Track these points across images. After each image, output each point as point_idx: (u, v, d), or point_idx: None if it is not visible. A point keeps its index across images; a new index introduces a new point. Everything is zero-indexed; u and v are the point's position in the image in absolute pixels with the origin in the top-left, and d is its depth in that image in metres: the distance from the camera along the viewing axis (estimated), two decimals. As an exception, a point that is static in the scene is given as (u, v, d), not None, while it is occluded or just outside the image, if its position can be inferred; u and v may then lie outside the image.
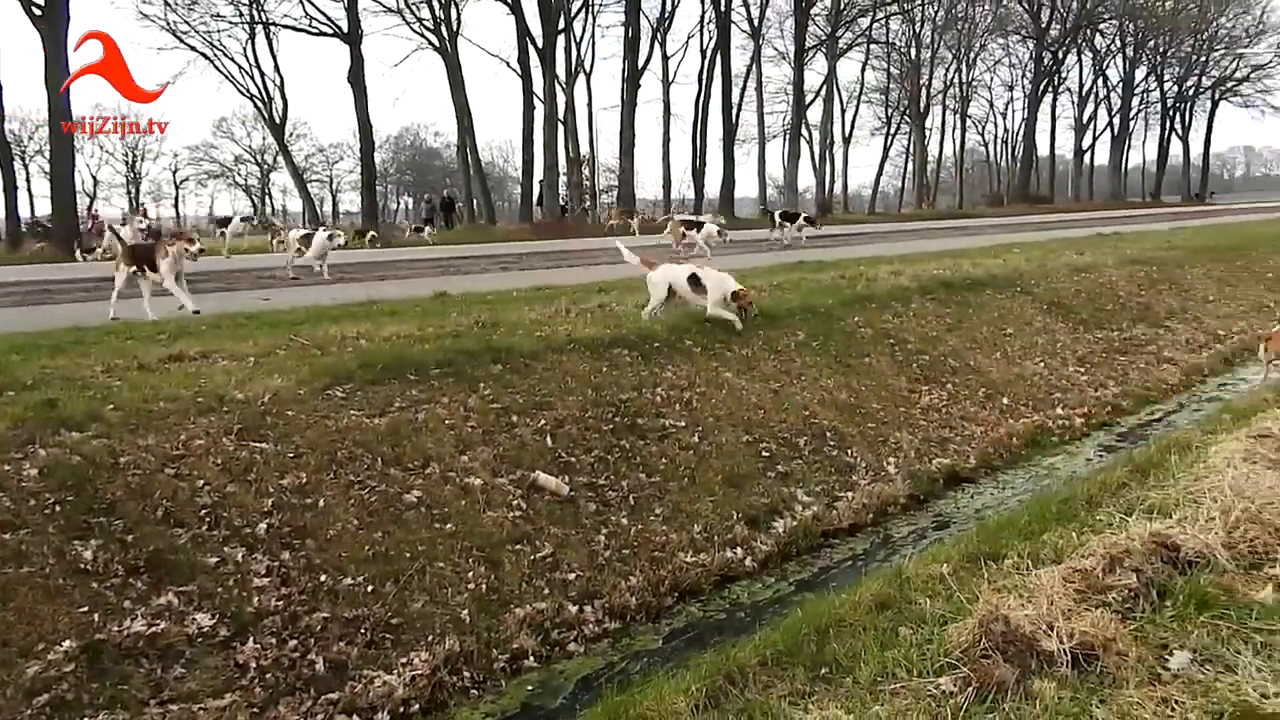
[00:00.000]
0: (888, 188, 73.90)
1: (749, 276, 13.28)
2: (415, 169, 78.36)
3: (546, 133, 38.35)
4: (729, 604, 6.46)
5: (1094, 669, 3.40)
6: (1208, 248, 20.17)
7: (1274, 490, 4.95)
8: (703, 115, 49.44)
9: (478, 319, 9.53)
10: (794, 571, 6.97)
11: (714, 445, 8.02)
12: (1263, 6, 72.18)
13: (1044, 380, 11.45)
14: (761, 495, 7.67)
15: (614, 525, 6.81)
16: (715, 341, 9.61)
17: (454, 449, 6.88)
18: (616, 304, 10.63)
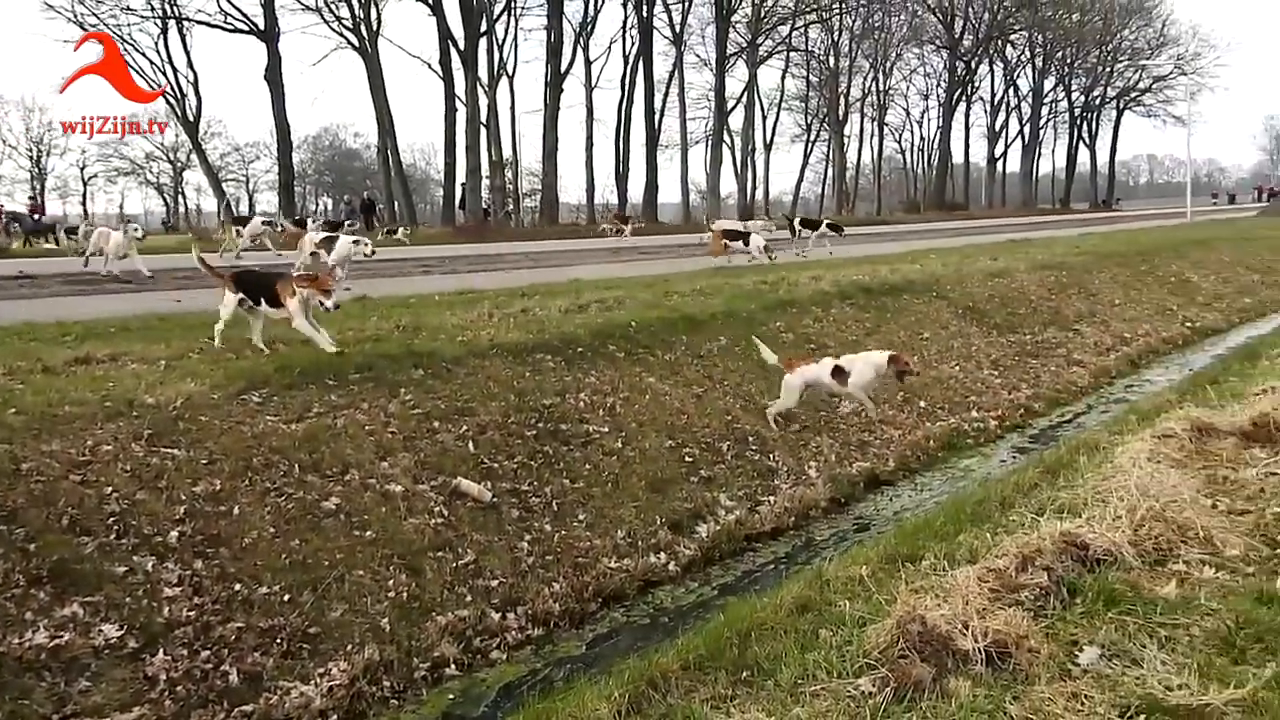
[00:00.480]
0: (808, 194, 74.84)
1: (671, 282, 13.37)
2: (335, 170, 77.05)
3: (469, 136, 38.08)
4: (653, 609, 6.46)
5: (1007, 666, 3.49)
6: (1114, 253, 20.81)
7: (1177, 489, 5.13)
8: (626, 120, 49.53)
9: (399, 323, 9.41)
10: (717, 575, 7.00)
11: (638, 450, 8.03)
12: (1163, 20, 75.04)
13: (959, 384, 11.70)
14: (685, 500, 7.69)
15: (537, 531, 6.77)
16: (639, 347, 9.64)
17: (374, 455, 6.78)
18: (540, 308, 10.59)
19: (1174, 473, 5.48)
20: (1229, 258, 23.55)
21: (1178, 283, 19.89)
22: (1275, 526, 4.87)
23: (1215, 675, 3.35)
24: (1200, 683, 3.28)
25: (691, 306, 11.17)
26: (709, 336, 10.47)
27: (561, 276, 14.54)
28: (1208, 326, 17.43)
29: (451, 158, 39.88)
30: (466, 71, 37.96)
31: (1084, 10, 71.05)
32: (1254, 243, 26.60)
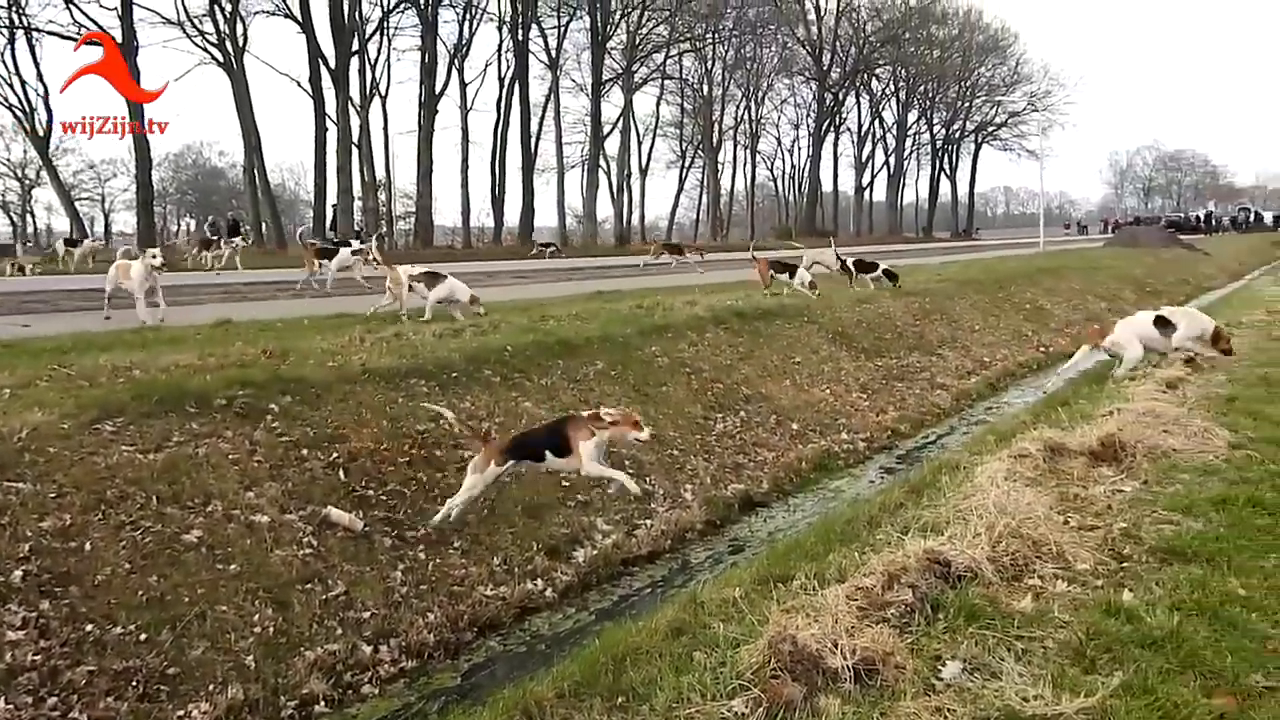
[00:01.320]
0: (683, 219, 75.99)
1: (548, 306, 13.35)
2: (198, 189, 74.57)
3: (340, 156, 37.41)
4: (529, 636, 6.41)
5: (875, 683, 3.58)
6: (973, 280, 21.70)
7: (1032, 506, 5.37)
8: (502, 143, 49.56)
9: (265, 348, 9.12)
10: (594, 601, 7.00)
11: (513, 476, 7.96)
12: (1016, 59, 79.27)
13: (830, 406, 11.99)
14: (562, 525, 7.67)
15: (411, 560, 6.64)
16: (514, 371, 9.58)
17: (239, 485, 6.55)
18: (413, 333, 10.42)
19: (1029, 491, 5.73)
20: (1079, 286, 24.83)
21: (1032, 309, 20.85)
22: (1122, 541, 5.13)
23: (1068, 685, 3.50)
24: (1054, 693, 3.43)
25: (568, 331, 11.17)
26: (585, 360, 10.48)
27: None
28: (1061, 351, 18.28)
29: (322, 178, 39.06)
30: (337, 91, 37.32)
31: (944, 48, 74.49)
32: (1100, 272, 28.10)
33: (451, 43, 46.58)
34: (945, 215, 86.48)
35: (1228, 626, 4.01)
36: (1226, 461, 6.69)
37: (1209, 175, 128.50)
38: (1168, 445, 7.05)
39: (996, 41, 78.74)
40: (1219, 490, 5.93)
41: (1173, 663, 3.71)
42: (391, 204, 49.33)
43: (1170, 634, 3.91)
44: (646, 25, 53.41)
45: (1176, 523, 5.40)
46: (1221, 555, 4.83)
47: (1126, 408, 8.26)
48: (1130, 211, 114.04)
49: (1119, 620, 4.08)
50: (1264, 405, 8.41)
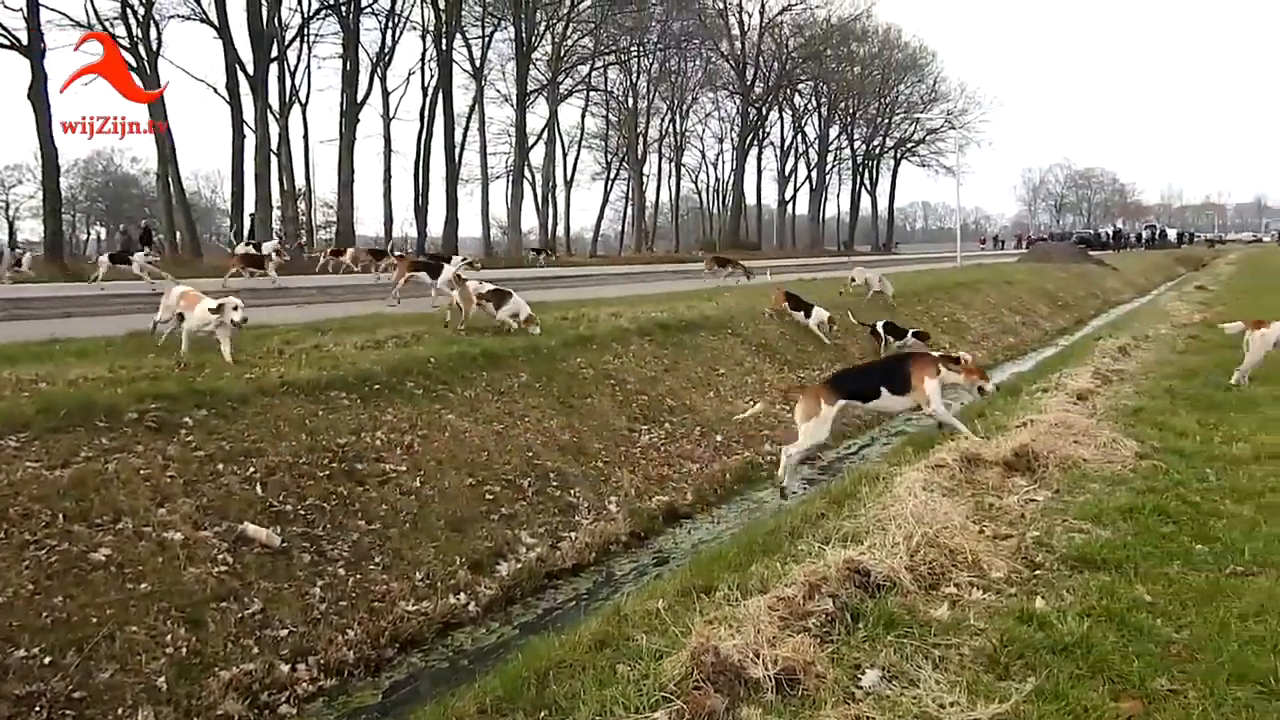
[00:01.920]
0: (609, 231, 76.13)
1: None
2: (109, 196, 72.41)
3: (259, 164, 36.61)
4: (452, 652, 6.35)
5: (796, 692, 3.62)
6: (894, 294, 22.05)
7: (948, 515, 5.48)
8: (425, 153, 49.08)
9: (179, 360, 8.88)
10: (518, 615, 6.96)
11: (437, 489, 7.89)
12: (934, 77, 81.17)
13: (754, 418, 12.09)
14: (485, 539, 7.62)
15: (331, 576, 6.54)
16: (438, 383, 9.50)
17: (150, 501, 6.37)
18: (334, 344, 10.25)
19: (946, 501, 5.85)
20: (994, 300, 25.44)
21: (950, 322, 21.31)
22: (1034, 549, 5.26)
23: (983, 692, 3.59)
24: (969, 699, 3.51)
25: (491, 342, 11.10)
26: (510, 372, 10.43)
27: (358, 311, 14.14)
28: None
29: (239, 187, 38.14)
30: (256, 98, 36.55)
31: (864, 65, 75.87)
32: (1015, 286, 28.84)
33: (374, 51, 46.13)
34: (866, 229, 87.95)
35: (1134, 632, 4.14)
36: (1133, 471, 6.91)
37: (1117, 193, 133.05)
38: (1078, 455, 7.25)
39: (915, 60, 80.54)
40: (1126, 499, 6.11)
41: (1082, 668, 3.81)
42: (312, 213, 48.56)
43: (1080, 640, 4.02)
44: (571, 37, 53.45)
45: (1086, 531, 5.55)
46: (1129, 563, 4.98)
47: (1039, 419, 8.47)
48: (1043, 227, 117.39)
49: (1031, 627, 4.19)
50: (1169, 417, 8.71)
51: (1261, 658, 3.83)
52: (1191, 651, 3.96)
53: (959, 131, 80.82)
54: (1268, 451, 7.31)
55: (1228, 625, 4.16)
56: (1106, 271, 41.83)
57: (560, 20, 51.09)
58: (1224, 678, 3.68)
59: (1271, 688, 3.62)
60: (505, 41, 51.13)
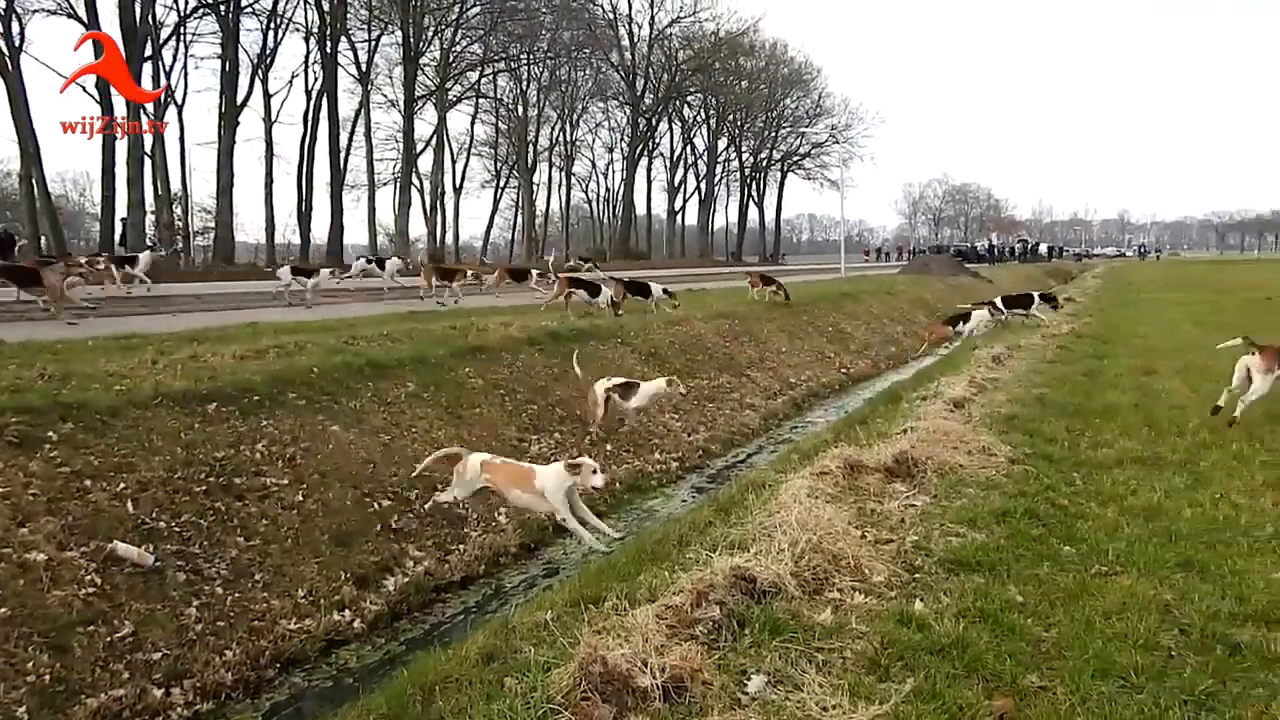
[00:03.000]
0: (498, 239, 75.75)
1: (357, 326, 13.00)
2: (-40, 199, 68.63)
3: (131, 167, 35.15)
4: (336, 670, 6.20)
5: (684, 700, 3.64)
6: (780, 304, 22.49)
7: (832, 522, 5.60)
8: (309, 158, 47.83)
9: (43, 371, 8.44)
10: (405, 630, 6.85)
11: (320, 503, 7.71)
12: (819, 92, 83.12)
13: (642, 427, 12.15)
14: (371, 553, 7.47)
15: (208, 595, 6.31)
16: (322, 394, 9.28)
17: (10, 520, 6.04)
18: (211, 354, 9.90)
19: (829, 507, 5.97)
20: (876, 310, 26.17)
21: (835, 332, 21.82)
22: (914, 553, 5.43)
23: (864, 693, 3.67)
24: (851, 701, 3.59)
25: (377, 352, 10.89)
26: (397, 382, 10.25)
27: (237, 320, 13.74)
28: (860, 373, 19.26)
29: (110, 190, 36.51)
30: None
31: (752, 78, 77.14)
32: (896, 297, 29.72)
33: (254, 52, 44.82)
34: (754, 240, 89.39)
35: (1007, 631, 4.30)
36: (1006, 476, 7.19)
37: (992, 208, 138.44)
38: (955, 461, 7.51)
39: (800, 75, 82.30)
40: (1000, 503, 6.35)
41: (958, 668, 3.94)
42: (189, 218, 46.74)
43: (956, 641, 4.15)
44: (460, 43, 52.89)
45: (962, 534, 5.75)
46: (1001, 565, 5.18)
47: (919, 426, 8.74)
48: (923, 240, 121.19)
49: (911, 629, 4.31)
50: (1039, 424, 9.08)
51: (1124, 653, 4.02)
52: (1059, 649, 4.14)
53: (843, 146, 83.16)
54: (1129, 456, 7.70)
55: (1093, 623, 4.36)
56: (982, 283, 43.36)
57: (449, 26, 50.51)
58: (1089, 673, 3.85)
59: (1133, 681, 3.81)
60: (392, 46, 50.36)
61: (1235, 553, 5.32)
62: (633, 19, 67.66)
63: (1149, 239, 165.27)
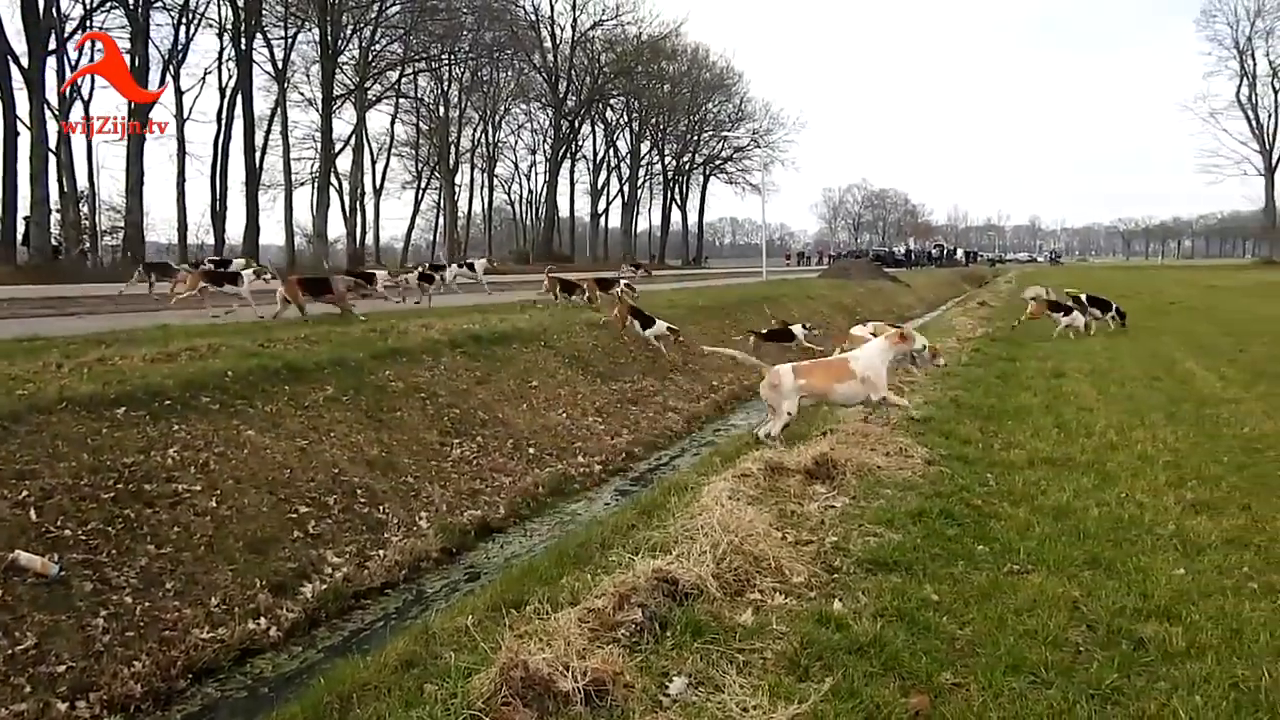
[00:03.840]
0: (420, 241, 74.95)
1: (273, 329, 12.74)
2: None
3: (34, 164, 33.91)
4: (252, 679, 6.06)
5: (606, 703, 3.63)
6: (703, 307, 22.64)
7: (753, 523, 5.64)
8: (223, 157, 46.81)
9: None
10: (323, 638, 6.72)
11: (235, 509, 7.52)
12: (741, 97, 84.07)
13: (567, 430, 12.14)
14: (288, 559, 7.32)
15: (116, 605, 6.12)
16: (236, 398, 9.07)
17: (-94, 531, 5.80)
18: (120, 357, 9.60)
19: (751, 509, 6.02)
20: (797, 314, 26.41)
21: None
22: (833, 554, 5.50)
23: (783, 693, 3.71)
24: (771, 701, 3.62)
25: (294, 354, 10.69)
26: (315, 386, 10.07)
27: (148, 322, 13.36)
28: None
29: (12, 187, 35.15)
30: (31, 93, 33.91)
31: (674, 82, 77.65)
32: (816, 300, 30.12)
33: (165, 47, 43.70)
34: (677, 243, 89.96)
35: (923, 630, 4.38)
36: (923, 477, 7.33)
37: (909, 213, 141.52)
38: (874, 463, 7.64)
39: (722, 80, 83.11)
40: (916, 504, 6.47)
41: (876, 666, 4.01)
42: (96, 217, 45.27)
43: (874, 640, 4.22)
44: (380, 42, 52.16)
45: (880, 535, 5.84)
46: (918, 564, 5.28)
47: (838, 428, 8.88)
48: (843, 244, 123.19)
49: (830, 629, 4.36)
50: (955, 425, 9.29)
51: (1034, 650, 4.13)
52: (973, 646, 4.23)
53: (764, 150, 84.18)
54: (1040, 457, 7.92)
55: (1005, 620, 4.46)
56: (900, 288, 44.26)
57: (368, 24, 49.79)
58: (1001, 670, 3.94)
59: (1043, 677, 3.91)
60: (309, 43, 49.49)
61: (1140, 550, 5.51)
62: (555, 21, 67.66)
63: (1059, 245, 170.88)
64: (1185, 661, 4.03)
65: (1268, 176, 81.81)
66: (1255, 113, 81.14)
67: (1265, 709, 3.62)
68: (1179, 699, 3.69)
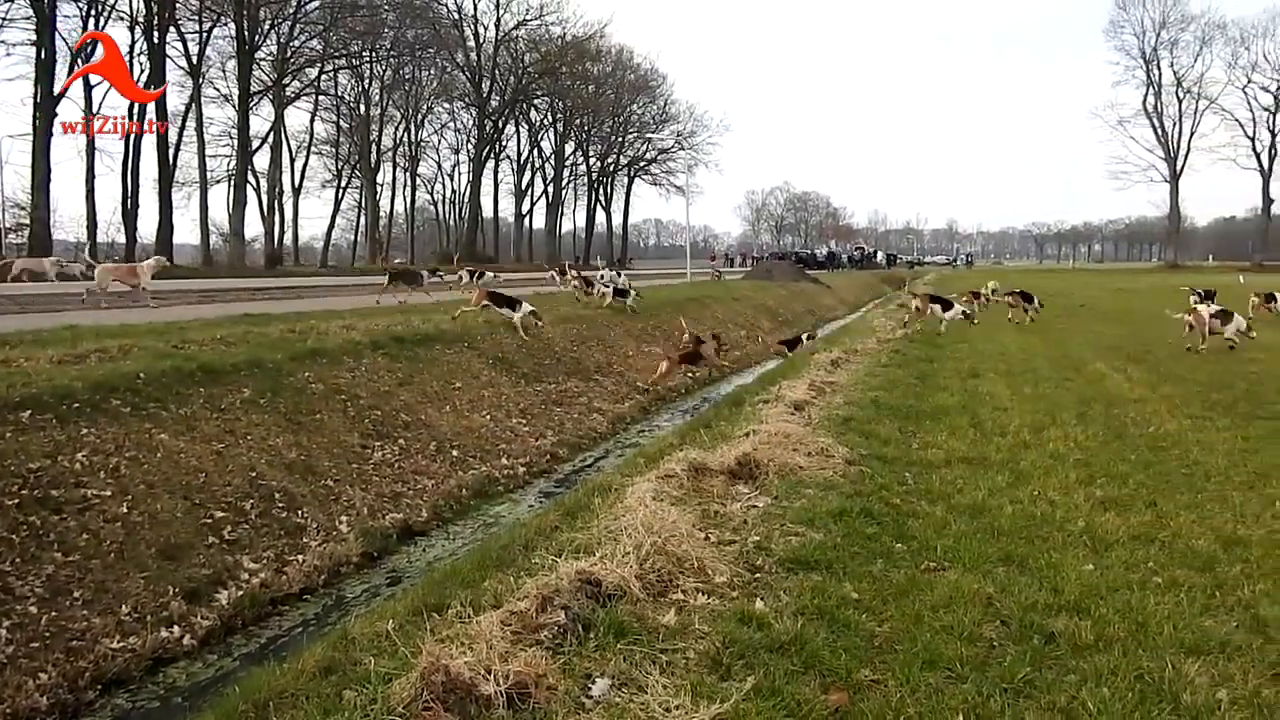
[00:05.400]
0: (341, 241, 73.83)
1: (188, 330, 12.42)
2: None
3: (-66, 158, 32.61)
4: (164, 689, 5.91)
5: (528, 706, 3.62)
6: (627, 307, 22.65)
7: (676, 524, 5.67)
8: (135, 153, 45.40)
9: None
10: (240, 645, 6.58)
11: (147, 515, 7.32)
12: (665, 99, 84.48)
13: (490, 432, 12.05)
14: (203, 566, 7.14)
15: (20, 615, 5.91)
16: (149, 400, 8.82)
17: None
18: (25, 359, 9.28)
19: (674, 509, 6.04)
20: (721, 315, 26.69)
21: (680, 336, 22.09)
22: (755, 553, 5.55)
23: (706, 693, 3.74)
24: (693, 701, 3.64)
25: (210, 356, 10.43)
26: (231, 388, 9.84)
27: (54, 323, 12.91)
28: (706, 376, 19.57)
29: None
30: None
31: (599, 83, 77.72)
32: (740, 302, 30.38)
33: (73, 40, 42.31)
34: (601, 244, 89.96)
35: (842, 628, 4.45)
36: (843, 477, 7.44)
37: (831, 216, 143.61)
38: (795, 463, 7.72)
39: (647, 81, 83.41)
40: (837, 503, 6.57)
41: (797, 664, 4.06)
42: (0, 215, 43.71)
43: (795, 638, 4.28)
44: (299, 38, 51.23)
45: (802, 534, 5.92)
46: (838, 563, 5.36)
47: (761, 429, 8.96)
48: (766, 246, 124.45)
49: (751, 628, 4.41)
50: (875, 425, 9.45)
51: (950, 645, 4.23)
52: (891, 643, 4.31)
53: (688, 152, 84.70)
54: (957, 456, 8.10)
55: (922, 617, 4.56)
56: (821, 289, 44.88)
57: (286, 20, 48.90)
58: (918, 665, 4.03)
59: (958, 672, 4.01)
60: (225, 39, 48.39)
61: (1051, 546, 5.67)
62: (478, 20, 67.24)
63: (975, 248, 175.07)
64: (1093, 654, 4.17)
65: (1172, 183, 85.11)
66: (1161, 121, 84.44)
67: (1168, 699, 3.76)
68: (1088, 691, 3.81)
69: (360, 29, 54.14)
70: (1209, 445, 8.55)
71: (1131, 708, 3.69)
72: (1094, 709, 3.67)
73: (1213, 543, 5.76)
